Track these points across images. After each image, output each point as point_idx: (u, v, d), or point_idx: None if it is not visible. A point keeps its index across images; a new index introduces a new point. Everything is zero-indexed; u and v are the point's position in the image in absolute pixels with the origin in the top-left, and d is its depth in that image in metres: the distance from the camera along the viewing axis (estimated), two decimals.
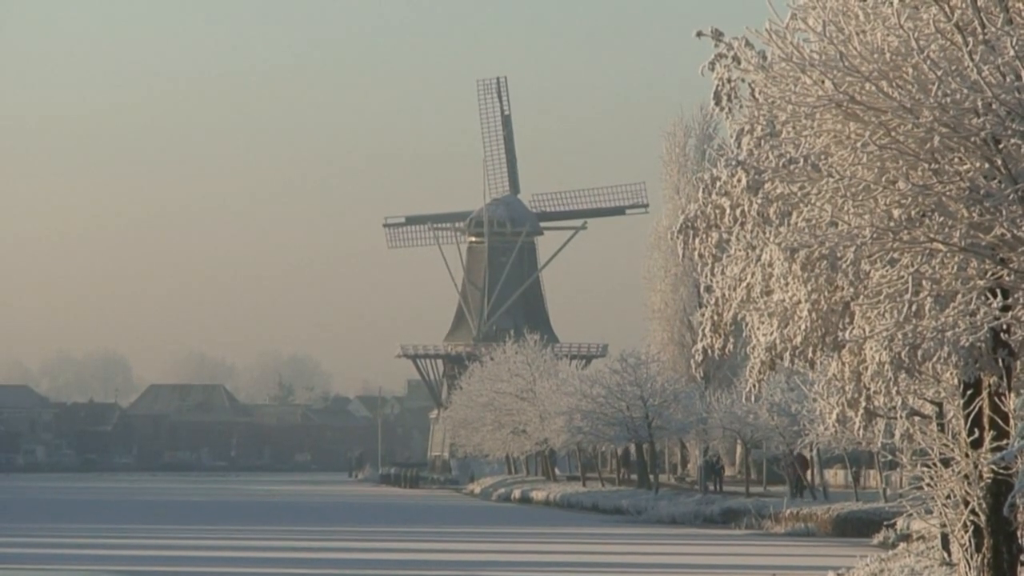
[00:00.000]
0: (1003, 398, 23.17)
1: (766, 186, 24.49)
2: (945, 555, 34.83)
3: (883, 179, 21.91)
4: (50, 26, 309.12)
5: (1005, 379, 22.90)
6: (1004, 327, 21.61)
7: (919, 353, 23.00)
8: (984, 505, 24.86)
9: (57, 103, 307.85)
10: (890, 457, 34.05)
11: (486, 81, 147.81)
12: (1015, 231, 20.71)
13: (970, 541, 25.69)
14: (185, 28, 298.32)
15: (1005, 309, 21.44)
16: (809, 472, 76.49)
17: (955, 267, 22.08)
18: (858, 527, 62.90)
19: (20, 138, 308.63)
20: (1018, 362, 22.83)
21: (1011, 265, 21.39)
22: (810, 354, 26.01)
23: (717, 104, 25.28)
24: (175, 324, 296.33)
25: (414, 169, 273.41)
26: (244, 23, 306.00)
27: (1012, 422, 22.71)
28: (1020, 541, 24.80)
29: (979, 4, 20.62)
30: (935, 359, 23.09)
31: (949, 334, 22.29)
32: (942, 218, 21.61)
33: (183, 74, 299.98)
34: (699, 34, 24.27)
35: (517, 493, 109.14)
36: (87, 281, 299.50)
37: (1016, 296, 21.66)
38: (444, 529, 78.24)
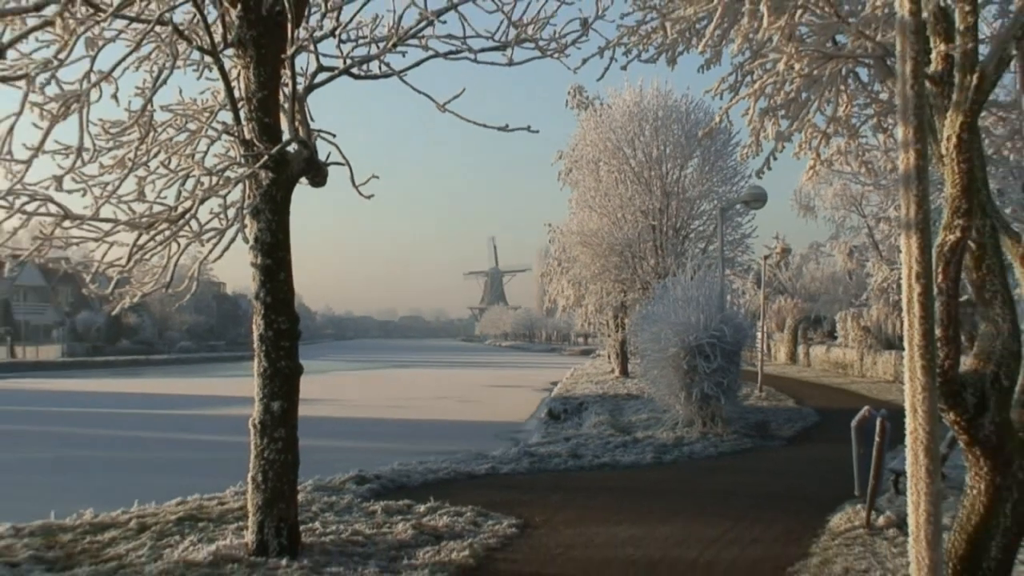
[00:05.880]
0: (624, 317, 29.11)
1: (565, 266, 31.48)
2: (608, 362, 36.95)
3: (596, 263, 27.82)
4: None
5: (626, 315, 28.75)
6: (626, 301, 28.38)
7: (603, 307, 30.47)
8: (619, 346, 31.69)
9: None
10: (598, 334, 37.77)
11: (489, 236, 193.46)
12: (629, 277, 27.23)
13: (617, 356, 32.47)
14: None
15: (624, 295, 28.22)
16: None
17: (611, 283, 28.34)
18: (588, 353, 69.30)
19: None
20: (629, 311, 27.92)
21: (626, 284, 27.67)
22: (576, 307, 33.18)
23: (551, 243, 32.24)
24: (399, 292, 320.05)
25: (471, 259, 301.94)
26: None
27: (626, 324, 27.90)
28: (628, 355, 30.07)
29: (626, 216, 27.06)
30: (608, 308, 30.50)
31: (610, 300, 28.95)
32: (611, 273, 27.82)
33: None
34: (544, 224, 31.48)
35: (498, 343, 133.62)
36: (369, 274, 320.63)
37: (629, 294, 27.86)
38: (474, 353, 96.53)
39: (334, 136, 7.54)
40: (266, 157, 6.80)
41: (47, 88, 6.55)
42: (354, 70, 7.64)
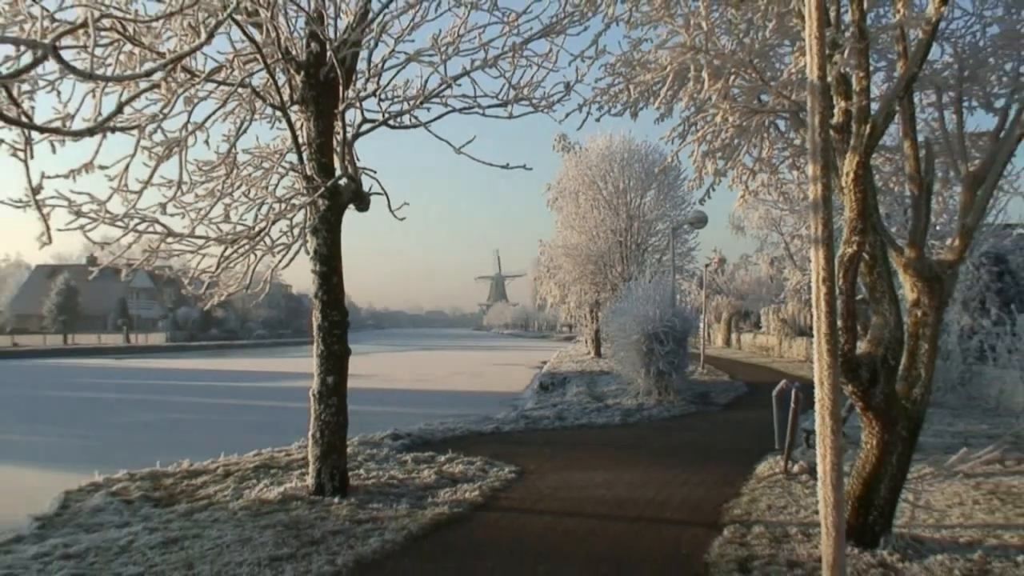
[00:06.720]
0: (598, 312, 28.17)
1: (552, 272, 29.85)
2: (585, 346, 34.87)
3: (576, 270, 26.89)
4: None
5: (599, 310, 27.83)
6: (599, 299, 27.13)
7: (582, 304, 29.05)
8: (594, 333, 30.07)
9: None
10: (577, 324, 37.74)
11: (494, 249, 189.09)
12: (601, 280, 26.50)
13: (592, 341, 30.84)
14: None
15: (598, 294, 27.16)
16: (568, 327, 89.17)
17: (588, 285, 27.31)
18: (570, 339, 68.16)
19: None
20: (602, 307, 26.51)
21: (599, 286, 26.68)
22: (561, 304, 31.35)
23: (541, 255, 30.44)
24: (425, 292, 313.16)
25: (480, 266, 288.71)
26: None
27: (600, 317, 27.04)
28: (601, 341, 28.24)
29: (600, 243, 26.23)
30: (585, 305, 29.31)
31: (587, 299, 27.58)
32: (588, 277, 26.79)
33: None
34: (539, 240, 30.58)
35: (501, 331, 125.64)
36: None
37: (601, 293, 26.86)
38: (482, 339, 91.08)
39: (375, 172, 7.62)
40: (323, 189, 6.76)
41: (154, 135, 6.62)
42: (391, 122, 7.61)
